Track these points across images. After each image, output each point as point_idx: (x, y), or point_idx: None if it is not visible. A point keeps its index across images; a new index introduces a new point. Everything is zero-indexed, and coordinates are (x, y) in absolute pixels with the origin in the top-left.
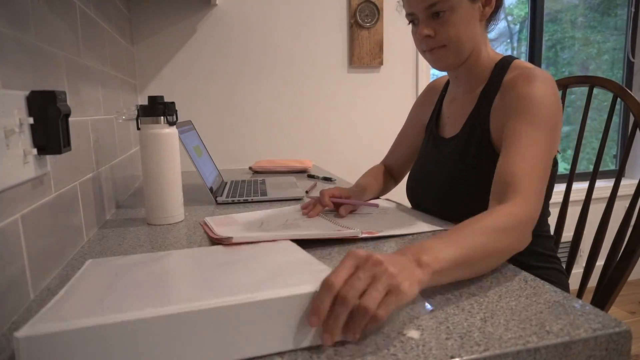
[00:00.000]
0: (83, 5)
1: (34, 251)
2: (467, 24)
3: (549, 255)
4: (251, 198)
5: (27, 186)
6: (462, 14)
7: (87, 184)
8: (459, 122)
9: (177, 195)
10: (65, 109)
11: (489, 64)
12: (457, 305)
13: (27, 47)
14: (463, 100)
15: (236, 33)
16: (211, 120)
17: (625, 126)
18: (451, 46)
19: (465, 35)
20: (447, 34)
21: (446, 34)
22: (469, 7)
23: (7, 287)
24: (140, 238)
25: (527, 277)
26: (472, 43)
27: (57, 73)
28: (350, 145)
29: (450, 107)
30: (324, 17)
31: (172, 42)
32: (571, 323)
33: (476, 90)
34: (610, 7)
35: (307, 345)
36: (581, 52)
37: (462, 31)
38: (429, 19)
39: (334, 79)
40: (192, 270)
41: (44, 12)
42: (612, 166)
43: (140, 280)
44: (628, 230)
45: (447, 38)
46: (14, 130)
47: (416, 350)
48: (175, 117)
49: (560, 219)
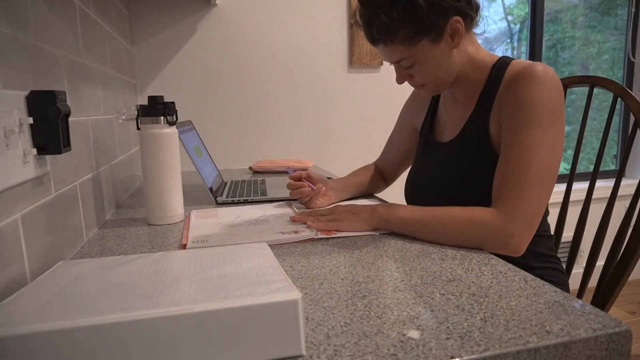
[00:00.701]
0: (83, 5)
1: (34, 251)
2: (439, 64)
3: (549, 255)
4: (251, 198)
5: (27, 186)
6: (430, 59)
7: (87, 184)
8: (457, 125)
9: (177, 195)
10: (65, 109)
11: (484, 68)
12: (457, 305)
13: (27, 47)
14: (461, 104)
15: (236, 33)
16: (211, 120)
17: (625, 126)
18: (430, 84)
19: (441, 73)
20: (422, 78)
21: (421, 78)
22: (436, 49)
23: (7, 287)
24: (140, 238)
25: (527, 277)
26: (454, 70)
27: (57, 73)
28: (350, 145)
29: (447, 111)
30: (324, 17)
31: (172, 42)
32: (571, 323)
33: (474, 94)
34: (610, 7)
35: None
36: (581, 52)
37: (435, 71)
38: (400, 68)
39: (334, 79)
40: (148, 277)
41: (44, 12)
42: (612, 166)
43: (91, 289)
44: (628, 230)
45: (423, 80)
46: (14, 130)
47: (416, 350)
48: (175, 117)
49: (560, 219)
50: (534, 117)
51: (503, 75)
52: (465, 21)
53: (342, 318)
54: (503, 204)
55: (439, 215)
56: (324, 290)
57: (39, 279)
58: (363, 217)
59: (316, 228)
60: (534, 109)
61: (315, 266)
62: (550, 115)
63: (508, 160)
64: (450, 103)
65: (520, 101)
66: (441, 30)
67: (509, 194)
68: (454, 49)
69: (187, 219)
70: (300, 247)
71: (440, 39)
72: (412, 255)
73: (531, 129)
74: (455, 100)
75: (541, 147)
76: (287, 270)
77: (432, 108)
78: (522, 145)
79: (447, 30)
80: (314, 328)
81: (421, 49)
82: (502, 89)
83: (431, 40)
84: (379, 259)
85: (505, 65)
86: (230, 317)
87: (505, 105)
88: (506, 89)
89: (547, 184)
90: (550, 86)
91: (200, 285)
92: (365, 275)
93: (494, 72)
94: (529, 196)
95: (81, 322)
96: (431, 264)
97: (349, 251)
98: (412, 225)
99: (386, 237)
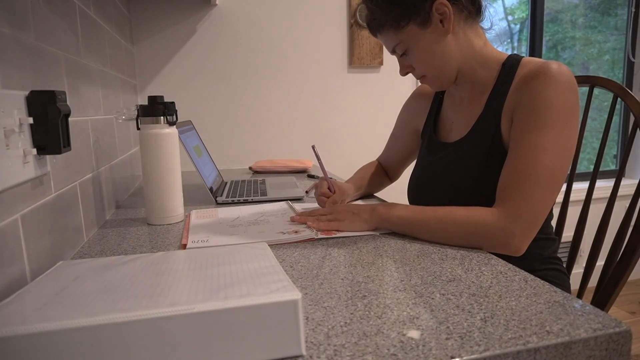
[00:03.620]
0: (83, 5)
1: (34, 251)
2: (432, 51)
3: (552, 257)
4: (251, 198)
5: (27, 186)
6: (420, 46)
7: (87, 184)
8: (465, 125)
9: (177, 195)
10: (65, 109)
11: (494, 65)
12: (457, 305)
13: (27, 47)
14: (469, 103)
15: (236, 33)
16: (211, 120)
17: (625, 126)
18: (430, 74)
19: (436, 61)
20: (419, 67)
21: (419, 68)
22: (424, 35)
23: (7, 287)
24: (140, 238)
25: (527, 277)
26: (452, 60)
27: (57, 73)
28: (350, 145)
29: (453, 112)
30: (324, 17)
31: (172, 42)
32: (571, 323)
33: (484, 93)
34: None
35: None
36: (582, 52)
37: (429, 60)
38: (400, 57)
39: (334, 79)
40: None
41: (44, 12)
42: (612, 166)
43: (91, 289)
44: (628, 230)
45: (421, 70)
46: (14, 130)
47: (416, 350)
48: (175, 117)
49: (561, 219)
50: (547, 118)
51: (515, 74)
52: (457, 7)
53: (342, 318)
54: (505, 204)
55: (439, 215)
56: (324, 290)
57: (39, 279)
58: (363, 217)
59: (316, 228)
60: (547, 109)
61: (315, 266)
62: (563, 115)
63: (516, 160)
64: (457, 103)
65: (533, 101)
66: (427, 15)
67: (513, 194)
68: (449, 36)
69: (187, 219)
70: (300, 247)
71: (429, 23)
72: (412, 255)
73: (543, 130)
74: (462, 100)
75: (551, 149)
76: (287, 270)
77: (435, 109)
78: (533, 145)
79: (434, 14)
80: (314, 328)
81: (410, 34)
82: (514, 88)
83: (418, 25)
84: (379, 259)
85: (516, 63)
86: (230, 317)
87: (518, 104)
88: (519, 87)
89: (553, 186)
90: (565, 86)
91: (200, 285)
92: (365, 275)
93: (505, 70)
94: (532, 197)
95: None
96: (431, 264)
97: (349, 251)
98: (412, 225)
99: (386, 237)
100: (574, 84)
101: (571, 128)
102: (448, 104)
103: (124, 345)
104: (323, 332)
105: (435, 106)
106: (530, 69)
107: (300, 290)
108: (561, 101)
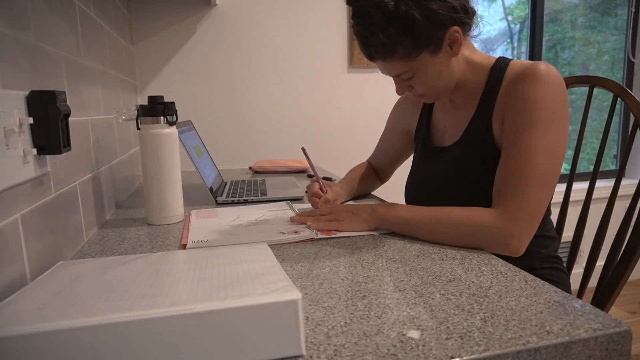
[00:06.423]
0: (83, 5)
1: (33, 251)
2: (440, 74)
3: (552, 256)
4: (251, 198)
5: (27, 186)
6: (430, 70)
7: (87, 184)
8: (458, 129)
9: (177, 195)
10: (65, 109)
11: (483, 70)
12: (457, 305)
13: (27, 47)
14: (461, 108)
15: (236, 33)
16: (211, 120)
17: (625, 126)
18: (430, 93)
19: (441, 82)
20: (422, 88)
21: (421, 88)
22: (435, 60)
23: (7, 287)
24: (140, 238)
25: (527, 277)
26: (454, 77)
27: (57, 73)
28: (350, 145)
29: (445, 116)
30: (324, 17)
31: (172, 42)
32: (571, 323)
33: (474, 97)
34: (610, 7)
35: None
36: (581, 52)
37: (436, 81)
38: (400, 80)
39: (333, 79)
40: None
41: (44, 12)
42: (612, 166)
43: (91, 289)
44: (628, 230)
45: (423, 90)
46: (14, 130)
47: (416, 350)
48: (175, 117)
49: (561, 219)
50: (537, 117)
51: (503, 77)
52: (464, 30)
53: (342, 318)
54: (503, 204)
55: (438, 215)
56: (324, 290)
57: (39, 279)
58: (363, 217)
59: (316, 228)
60: (536, 109)
61: (315, 266)
62: (553, 115)
63: (510, 160)
64: (448, 108)
65: (523, 101)
66: (440, 42)
67: (510, 194)
68: (453, 58)
69: (187, 219)
70: (300, 247)
71: (440, 50)
72: (412, 255)
73: (534, 129)
74: (454, 105)
75: (543, 148)
76: (287, 270)
77: (427, 113)
78: (525, 145)
79: (446, 40)
80: (314, 328)
81: (421, 61)
82: (504, 90)
83: (430, 52)
84: (379, 259)
85: (504, 66)
86: (230, 317)
87: (507, 105)
88: (508, 89)
89: (548, 184)
90: (554, 86)
91: (200, 285)
92: (365, 275)
93: (494, 73)
94: (529, 196)
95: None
96: (431, 264)
97: (349, 251)
98: (412, 225)
99: (386, 237)
100: (562, 84)
101: (561, 126)
102: (439, 107)
103: (124, 345)
104: (323, 332)
105: (427, 109)
106: (519, 71)
107: (300, 290)
108: (550, 100)
